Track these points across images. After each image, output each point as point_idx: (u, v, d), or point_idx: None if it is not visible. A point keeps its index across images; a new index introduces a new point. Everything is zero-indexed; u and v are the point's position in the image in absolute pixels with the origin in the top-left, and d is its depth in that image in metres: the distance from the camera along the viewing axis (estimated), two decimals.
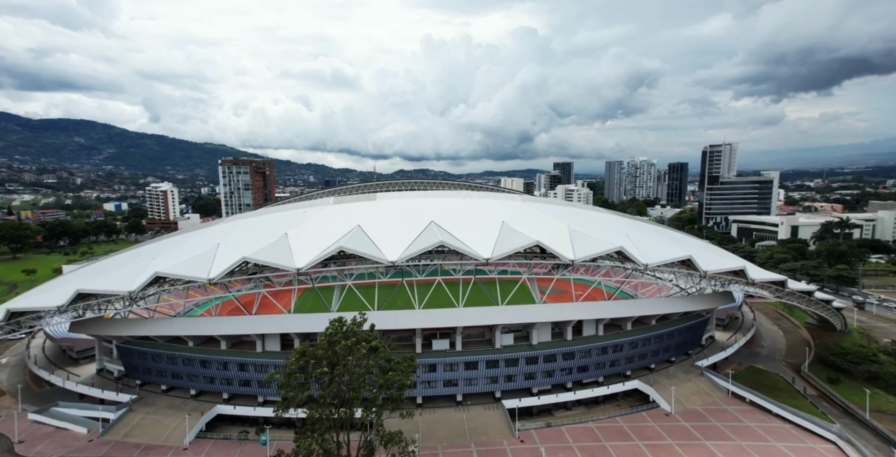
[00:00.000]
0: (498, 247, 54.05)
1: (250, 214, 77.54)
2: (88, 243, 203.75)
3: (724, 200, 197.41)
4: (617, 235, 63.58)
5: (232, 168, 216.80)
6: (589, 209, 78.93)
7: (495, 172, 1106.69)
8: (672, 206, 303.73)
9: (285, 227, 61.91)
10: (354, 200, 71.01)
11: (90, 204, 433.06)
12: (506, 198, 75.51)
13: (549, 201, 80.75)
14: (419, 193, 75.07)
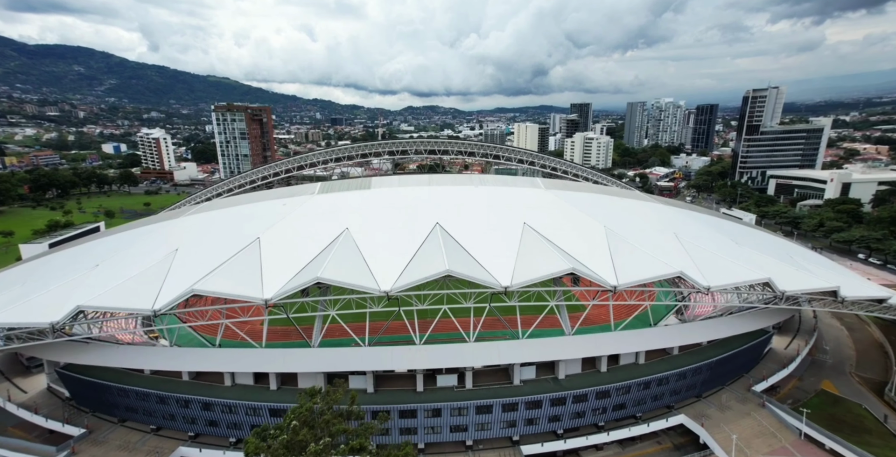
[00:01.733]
0: (519, 272, 41.86)
1: (224, 203, 65.12)
2: (78, 196, 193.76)
3: (763, 152, 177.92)
4: (667, 240, 50.93)
5: (226, 115, 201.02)
6: (626, 197, 65.44)
7: (507, 109, 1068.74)
8: (699, 153, 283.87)
9: (259, 226, 49.94)
10: (345, 189, 58.10)
11: (91, 142, 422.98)
12: (527, 185, 62.00)
13: (576, 187, 67.12)
14: (423, 180, 61.79)
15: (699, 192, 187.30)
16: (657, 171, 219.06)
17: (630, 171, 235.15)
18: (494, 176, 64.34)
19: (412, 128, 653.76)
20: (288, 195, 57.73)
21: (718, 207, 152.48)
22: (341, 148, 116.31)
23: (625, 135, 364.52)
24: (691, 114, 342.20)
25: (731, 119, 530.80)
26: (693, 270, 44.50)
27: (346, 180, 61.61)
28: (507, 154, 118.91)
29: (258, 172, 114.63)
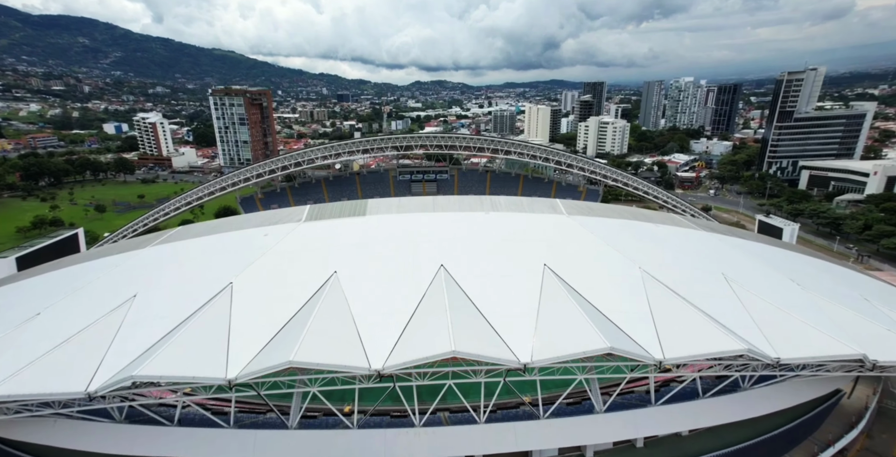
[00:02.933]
0: (542, 344, 33.41)
1: (199, 229, 56.32)
2: (72, 184, 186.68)
3: (795, 140, 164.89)
4: (716, 285, 42.06)
5: (224, 99, 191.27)
6: (660, 223, 55.95)
7: (516, 84, 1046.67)
8: (719, 137, 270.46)
9: (234, 265, 41.58)
10: (336, 216, 49.35)
11: (94, 119, 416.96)
12: (545, 209, 52.72)
13: (602, 211, 57.41)
14: (426, 203, 52.90)
15: (723, 183, 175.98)
16: (677, 158, 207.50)
17: (647, 157, 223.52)
18: (508, 199, 55.12)
19: (419, 105, 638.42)
20: (271, 221, 49.25)
21: (745, 202, 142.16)
22: (343, 144, 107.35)
23: (640, 115, 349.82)
24: (711, 91, 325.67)
25: (751, 94, 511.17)
26: (758, 338, 35.82)
27: (338, 205, 52.92)
28: (517, 149, 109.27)
29: (254, 169, 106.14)
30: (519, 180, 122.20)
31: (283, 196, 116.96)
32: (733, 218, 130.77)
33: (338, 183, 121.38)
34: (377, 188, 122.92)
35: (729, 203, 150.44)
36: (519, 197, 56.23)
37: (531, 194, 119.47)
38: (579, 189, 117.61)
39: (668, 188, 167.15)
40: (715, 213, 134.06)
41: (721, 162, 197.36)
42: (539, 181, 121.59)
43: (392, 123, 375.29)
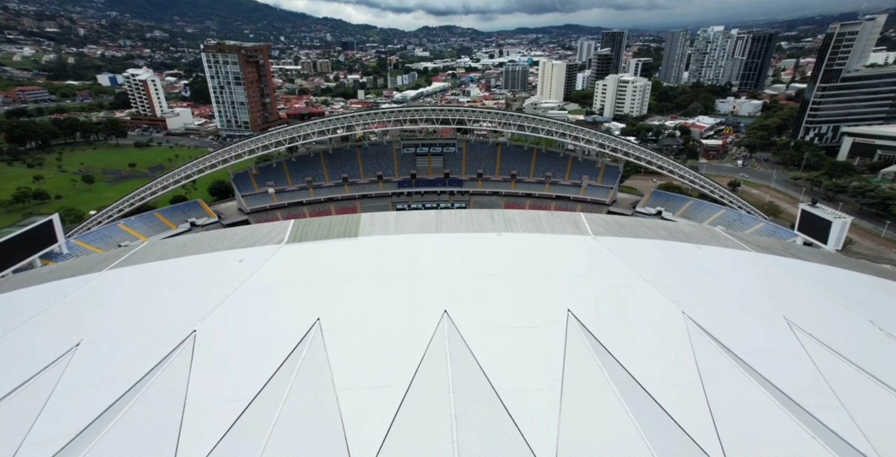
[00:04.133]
0: (568, 435, 27.41)
1: (165, 248, 49.49)
2: (62, 146, 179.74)
3: (840, 102, 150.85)
4: (780, 334, 35.43)
5: (217, 57, 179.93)
6: (702, 243, 47.94)
7: (529, 29, 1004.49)
8: (748, 95, 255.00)
9: (201, 304, 35.34)
10: (323, 237, 42.68)
11: (91, 65, 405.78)
12: (568, 229, 45.25)
13: (634, 228, 49.28)
14: (428, 219, 45.57)
15: (752, 151, 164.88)
16: (701, 121, 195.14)
17: (669, 119, 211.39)
18: (523, 214, 47.38)
19: (427, 54, 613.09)
20: (248, 242, 42.48)
21: (778, 174, 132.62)
22: (340, 118, 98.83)
23: (662, 68, 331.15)
24: (741, 39, 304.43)
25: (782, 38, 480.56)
26: (853, 434, 29.54)
27: (326, 221, 45.67)
28: (531, 124, 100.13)
29: (246, 145, 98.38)
30: (532, 154, 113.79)
31: (279, 172, 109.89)
32: (765, 195, 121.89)
33: (338, 157, 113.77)
34: (380, 163, 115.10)
35: (759, 176, 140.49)
36: (537, 213, 48.78)
37: (544, 171, 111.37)
38: (597, 165, 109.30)
39: (692, 157, 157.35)
40: (744, 189, 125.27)
41: (750, 127, 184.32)
42: (554, 156, 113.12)
43: (398, 78, 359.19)
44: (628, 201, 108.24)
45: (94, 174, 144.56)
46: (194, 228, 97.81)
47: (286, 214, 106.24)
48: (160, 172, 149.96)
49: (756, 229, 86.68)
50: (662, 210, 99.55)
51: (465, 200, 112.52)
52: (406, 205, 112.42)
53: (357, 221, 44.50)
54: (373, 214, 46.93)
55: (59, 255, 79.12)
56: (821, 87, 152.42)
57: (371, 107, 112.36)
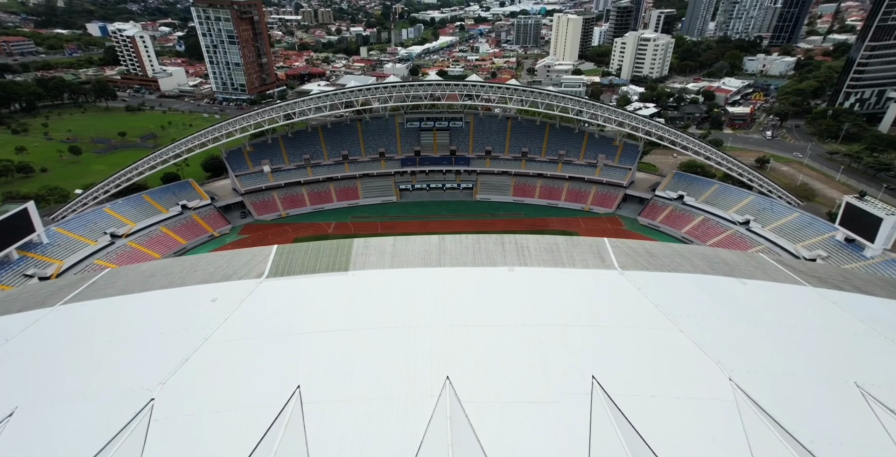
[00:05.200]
0: None
1: (132, 279, 44.49)
2: (49, 108, 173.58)
3: (891, 63, 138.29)
4: (859, 416, 30.30)
5: (208, 12, 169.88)
6: (747, 277, 41.99)
7: None
8: (780, 51, 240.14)
9: (160, 365, 31.57)
10: (309, 272, 38.18)
11: (82, 10, 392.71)
12: (592, 262, 40.23)
13: (666, 258, 43.84)
14: (430, 248, 41.08)
15: (782, 120, 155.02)
16: (727, 85, 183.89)
17: (692, 81, 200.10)
18: (538, 240, 42.37)
19: (435, 0, 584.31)
20: (225, 274, 38.27)
21: (812, 148, 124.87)
22: (338, 93, 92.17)
23: (685, 20, 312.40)
24: None
25: None
26: None
27: (314, 248, 41.71)
28: (546, 101, 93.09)
29: (237, 123, 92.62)
30: (544, 130, 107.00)
31: (275, 149, 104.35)
32: (796, 174, 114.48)
33: (337, 132, 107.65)
34: (381, 139, 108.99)
35: (790, 149, 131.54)
36: (554, 239, 42.98)
37: (557, 148, 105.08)
38: (615, 143, 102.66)
39: (716, 127, 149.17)
40: (773, 167, 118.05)
41: (782, 92, 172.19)
42: (568, 132, 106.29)
43: (402, 31, 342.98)
44: (647, 183, 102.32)
45: (83, 143, 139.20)
46: (186, 210, 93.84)
47: (283, 195, 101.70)
48: (152, 141, 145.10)
49: (789, 221, 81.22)
50: (684, 195, 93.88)
51: (472, 181, 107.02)
52: (410, 185, 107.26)
53: (349, 248, 39.86)
54: (367, 239, 41.94)
55: (39, 244, 75.55)
56: (870, 45, 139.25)
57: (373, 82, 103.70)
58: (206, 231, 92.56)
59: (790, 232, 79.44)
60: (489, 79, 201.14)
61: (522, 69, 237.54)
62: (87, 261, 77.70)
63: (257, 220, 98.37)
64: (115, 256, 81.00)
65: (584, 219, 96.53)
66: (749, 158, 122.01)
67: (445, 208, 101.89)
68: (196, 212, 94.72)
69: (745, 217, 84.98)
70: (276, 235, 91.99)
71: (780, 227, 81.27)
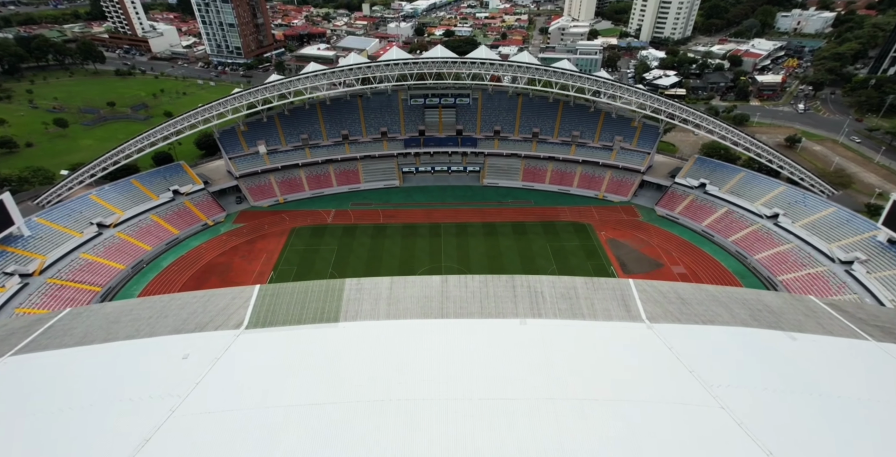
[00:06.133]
0: None
1: (93, 324, 39.66)
2: (33, 71, 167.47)
3: None
4: None
5: None
6: (799, 330, 36.65)
7: None
8: (818, 5, 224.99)
9: (119, 442, 28.17)
10: (295, 322, 34.57)
11: None
12: (615, 314, 36.11)
13: (701, 306, 39.60)
14: (431, 295, 37.18)
15: (817, 90, 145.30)
16: (756, 47, 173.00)
17: (717, 43, 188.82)
18: (554, 283, 38.23)
19: None
20: (201, 322, 34.17)
21: (850, 124, 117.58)
22: (336, 71, 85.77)
23: None
24: None
25: None
26: None
27: (302, 289, 37.76)
28: (561, 80, 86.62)
29: (228, 103, 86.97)
30: (557, 109, 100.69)
31: (270, 128, 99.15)
32: (831, 155, 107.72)
33: (336, 109, 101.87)
34: (384, 117, 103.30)
35: (825, 125, 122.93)
36: (572, 281, 38.65)
37: (571, 129, 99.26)
38: (633, 124, 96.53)
39: (742, 98, 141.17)
40: (805, 147, 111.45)
41: (818, 56, 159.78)
42: (583, 111, 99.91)
43: None
44: (665, 168, 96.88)
45: (70, 113, 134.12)
46: (177, 196, 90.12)
47: (281, 179, 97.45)
48: (143, 111, 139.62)
49: (823, 217, 75.89)
50: (707, 183, 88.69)
51: (480, 163, 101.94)
52: (413, 167, 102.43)
53: (340, 292, 36.04)
54: (360, 281, 37.93)
55: (20, 238, 72.28)
56: None
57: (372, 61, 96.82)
58: (199, 219, 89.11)
59: (824, 230, 74.23)
60: (499, 41, 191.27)
61: (535, 28, 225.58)
62: (72, 255, 74.66)
63: (253, 206, 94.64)
64: (102, 248, 77.96)
65: (598, 208, 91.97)
66: (778, 136, 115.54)
67: (451, 195, 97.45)
68: (188, 198, 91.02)
69: (774, 210, 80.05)
70: (272, 225, 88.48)
71: (813, 223, 76.25)
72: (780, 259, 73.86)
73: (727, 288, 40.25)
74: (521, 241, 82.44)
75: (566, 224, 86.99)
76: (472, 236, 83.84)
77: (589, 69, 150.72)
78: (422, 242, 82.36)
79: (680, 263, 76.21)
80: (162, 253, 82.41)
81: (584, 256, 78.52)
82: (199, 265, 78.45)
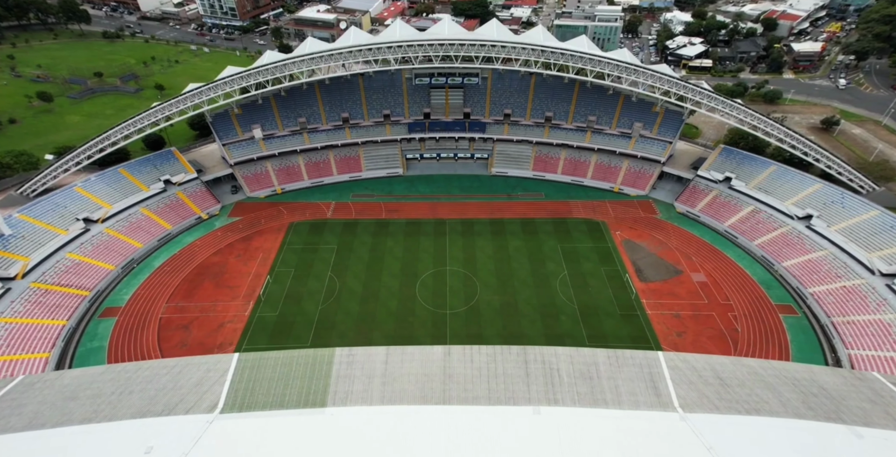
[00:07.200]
0: None
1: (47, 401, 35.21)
2: (15, 32, 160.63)
3: None
4: None
5: None
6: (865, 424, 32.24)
7: None
8: None
9: None
10: (276, 406, 31.78)
11: None
12: (643, 394, 32.82)
13: (742, 387, 35.74)
14: (433, 369, 34.41)
15: (860, 60, 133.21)
16: (795, 7, 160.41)
17: (750, 2, 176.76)
18: (571, 358, 35.10)
19: None
20: (169, 402, 31.52)
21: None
22: (337, 53, 79.65)
23: None
24: None
25: None
26: None
27: (285, 361, 35.38)
28: (579, 64, 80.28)
29: (219, 88, 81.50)
30: (573, 90, 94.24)
31: (266, 111, 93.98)
32: (874, 139, 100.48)
33: (336, 89, 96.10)
34: (386, 98, 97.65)
35: (868, 103, 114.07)
36: (593, 354, 34.56)
37: (587, 113, 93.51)
38: (655, 109, 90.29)
39: (775, 70, 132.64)
40: (843, 130, 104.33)
41: (864, 18, 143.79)
42: (601, 93, 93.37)
43: None
44: (687, 158, 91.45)
45: (56, 83, 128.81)
46: (169, 186, 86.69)
47: (278, 167, 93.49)
48: (133, 83, 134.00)
49: (864, 221, 70.62)
50: (732, 177, 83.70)
51: (488, 150, 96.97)
52: (418, 154, 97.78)
53: (328, 364, 33.16)
54: (352, 352, 34.78)
55: (1, 237, 69.64)
56: None
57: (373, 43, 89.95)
58: (193, 212, 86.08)
59: (864, 236, 69.00)
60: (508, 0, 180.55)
61: None
62: (58, 255, 72.04)
63: (249, 197, 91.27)
64: (90, 247, 75.50)
65: (613, 203, 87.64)
66: (813, 117, 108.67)
67: (457, 185, 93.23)
68: (181, 188, 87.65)
69: (807, 211, 75.21)
70: (270, 219, 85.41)
71: (851, 227, 71.23)
72: (811, 268, 69.84)
73: (773, 363, 36.27)
74: (530, 241, 78.93)
75: (579, 222, 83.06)
76: (479, 235, 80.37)
77: (608, 37, 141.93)
78: (426, 242, 79.09)
79: (700, 270, 72.64)
80: (154, 250, 79.96)
81: (597, 260, 75.08)
82: (193, 265, 76.11)
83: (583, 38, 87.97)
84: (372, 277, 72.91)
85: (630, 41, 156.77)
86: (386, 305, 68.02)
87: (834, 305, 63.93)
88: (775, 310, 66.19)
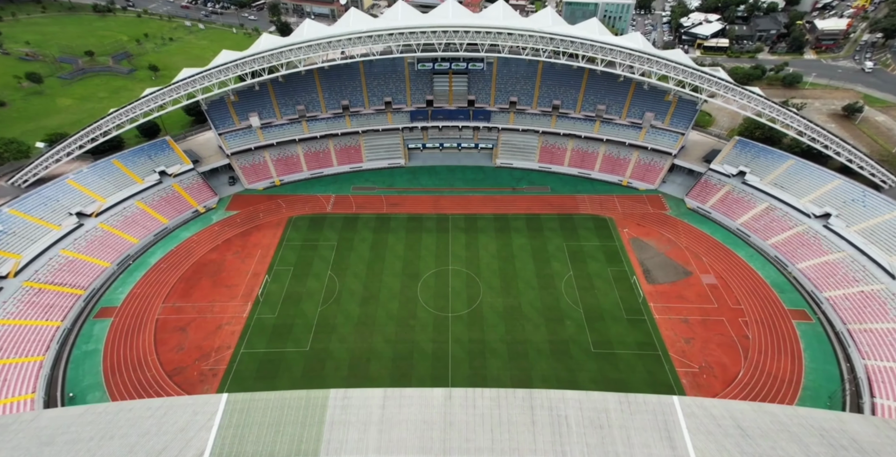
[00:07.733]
0: None
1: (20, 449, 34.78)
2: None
3: None
4: None
5: None
6: None
7: None
8: None
9: None
10: (273, 428, 30.80)
11: None
12: (654, 436, 31.67)
13: (767, 445, 33.92)
14: (433, 415, 33.08)
15: (887, 39, 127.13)
16: None
17: None
18: (580, 403, 33.61)
19: None
20: (151, 453, 30.43)
21: None
22: (335, 40, 76.26)
23: None
24: None
25: None
26: None
27: (277, 402, 33.94)
28: (589, 53, 76.74)
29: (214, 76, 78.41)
30: (581, 77, 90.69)
31: (263, 98, 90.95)
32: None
33: (336, 75, 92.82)
34: (388, 85, 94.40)
35: (894, 86, 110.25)
36: (604, 399, 32.67)
37: (596, 101, 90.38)
38: (667, 98, 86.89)
39: (795, 50, 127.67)
40: (866, 117, 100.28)
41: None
42: (611, 81, 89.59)
43: None
44: (699, 149, 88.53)
45: (46, 62, 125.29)
46: (164, 178, 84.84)
47: (276, 157, 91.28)
48: (125, 63, 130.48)
49: (886, 221, 68.01)
50: (747, 171, 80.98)
51: (493, 140, 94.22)
52: (420, 143, 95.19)
53: (322, 408, 31.77)
54: (347, 394, 33.36)
55: None
56: None
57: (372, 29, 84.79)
58: (189, 206, 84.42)
59: (886, 238, 66.42)
60: None
61: None
62: (51, 251, 70.81)
63: (247, 189, 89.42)
64: (84, 243, 74.23)
65: (621, 198, 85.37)
66: (835, 103, 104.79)
67: (461, 178, 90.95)
68: (177, 180, 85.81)
69: (825, 209, 72.77)
70: (268, 213, 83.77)
71: (873, 228, 68.70)
72: (827, 270, 67.91)
73: (798, 410, 34.40)
74: (535, 239, 77.18)
75: (585, 218, 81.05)
76: (483, 232, 78.64)
77: (619, 15, 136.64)
78: (428, 239, 77.47)
79: (710, 272, 70.97)
80: (150, 246, 78.69)
81: (603, 260, 73.45)
82: (190, 262, 74.93)
83: (593, 22, 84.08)
84: (372, 277, 71.60)
85: (643, 18, 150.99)
86: (386, 308, 66.84)
87: (850, 312, 62.26)
88: (788, 315, 64.65)
